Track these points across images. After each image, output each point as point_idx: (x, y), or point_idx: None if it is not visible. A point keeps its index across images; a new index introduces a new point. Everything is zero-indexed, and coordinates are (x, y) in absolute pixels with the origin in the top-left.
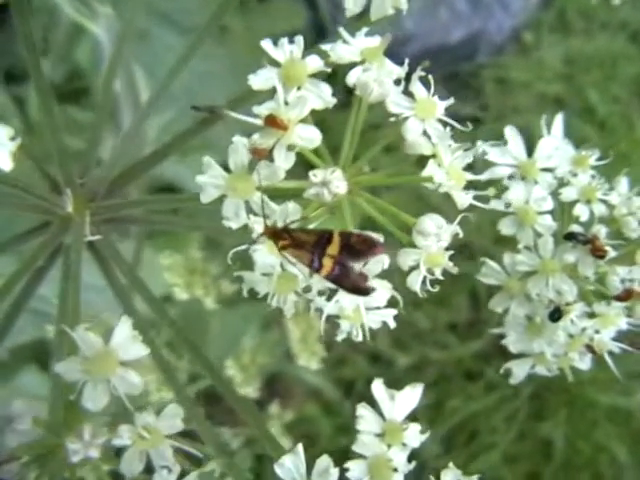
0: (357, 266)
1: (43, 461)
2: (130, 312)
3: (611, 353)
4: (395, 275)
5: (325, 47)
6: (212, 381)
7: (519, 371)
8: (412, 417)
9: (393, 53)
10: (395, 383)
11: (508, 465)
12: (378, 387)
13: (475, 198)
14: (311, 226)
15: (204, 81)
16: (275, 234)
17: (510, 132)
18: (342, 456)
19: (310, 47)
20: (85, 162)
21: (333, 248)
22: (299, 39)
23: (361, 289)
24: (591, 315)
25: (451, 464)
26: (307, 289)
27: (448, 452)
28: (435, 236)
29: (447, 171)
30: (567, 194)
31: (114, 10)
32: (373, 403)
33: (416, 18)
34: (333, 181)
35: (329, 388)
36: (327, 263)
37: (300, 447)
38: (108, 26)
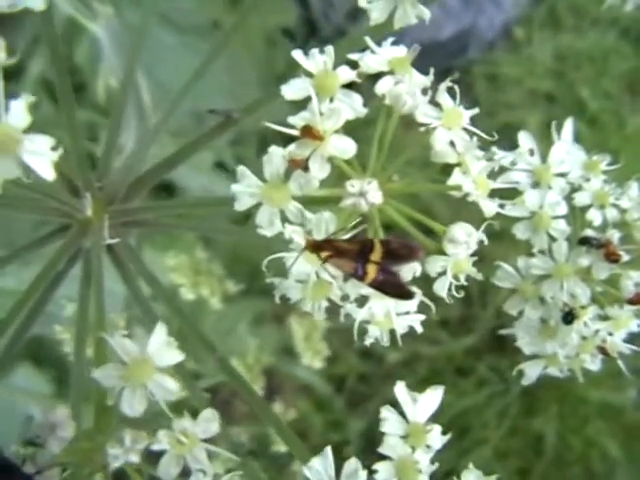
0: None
1: (80, 466)
2: (149, 316)
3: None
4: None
5: (353, 56)
6: (228, 378)
7: (531, 372)
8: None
9: None
10: (386, 379)
11: (499, 460)
12: (401, 390)
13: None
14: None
15: (201, 80)
16: (317, 246)
17: (523, 138)
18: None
19: (303, 43)
20: (101, 168)
21: (376, 255)
22: (330, 49)
23: (406, 293)
24: (603, 317)
25: (471, 465)
26: (345, 297)
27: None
28: (465, 244)
29: (474, 180)
30: (580, 199)
31: (114, 9)
32: (364, 399)
33: None
34: (370, 191)
35: (321, 384)
36: (371, 270)
37: (329, 449)
38: (107, 25)
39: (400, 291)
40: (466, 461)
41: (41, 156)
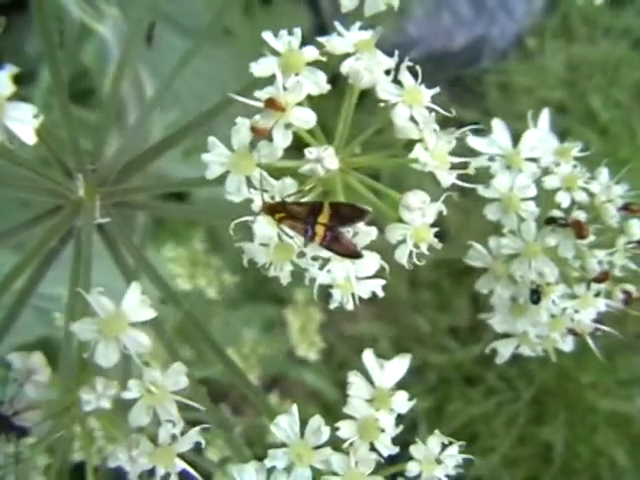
0: (348, 235)
1: (58, 414)
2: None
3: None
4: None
5: (321, 39)
6: (218, 361)
7: (504, 351)
8: (412, 421)
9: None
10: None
11: (508, 469)
12: (368, 356)
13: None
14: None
15: (208, 83)
16: (272, 208)
17: (497, 124)
18: None
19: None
20: (94, 152)
21: (324, 217)
22: (297, 31)
23: (352, 252)
24: (573, 297)
25: (437, 431)
26: (301, 254)
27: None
28: (419, 210)
29: (431, 153)
30: (549, 182)
31: (120, 11)
32: None
33: (419, 23)
34: (326, 158)
35: (329, 390)
36: (319, 231)
37: (294, 408)
38: (114, 27)
39: (349, 250)
40: (474, 469)
41: (23, 123)
